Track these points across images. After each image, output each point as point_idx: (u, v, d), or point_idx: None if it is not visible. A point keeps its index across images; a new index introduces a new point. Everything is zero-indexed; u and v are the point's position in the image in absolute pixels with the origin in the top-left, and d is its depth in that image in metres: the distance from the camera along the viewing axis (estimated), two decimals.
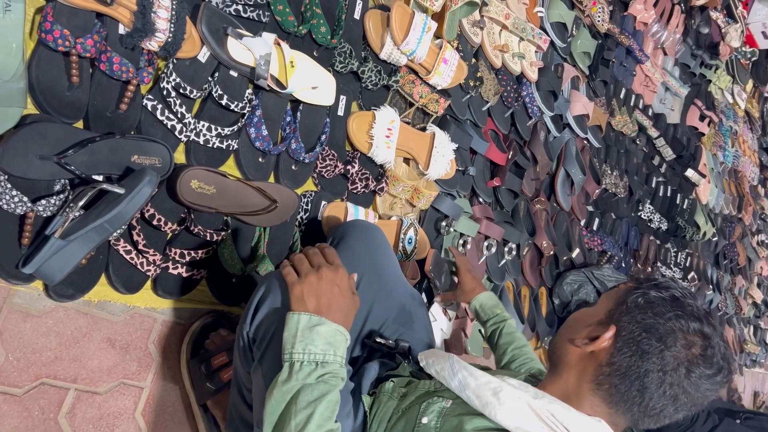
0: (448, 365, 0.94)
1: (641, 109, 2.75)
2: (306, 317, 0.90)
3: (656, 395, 0.84)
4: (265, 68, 1.25)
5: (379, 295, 1.20)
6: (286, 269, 0.97)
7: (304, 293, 0.93)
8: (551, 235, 2.10)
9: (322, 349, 0.88)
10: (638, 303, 0.89)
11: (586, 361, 0.90)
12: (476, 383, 0.89)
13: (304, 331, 0.88)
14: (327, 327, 0.90)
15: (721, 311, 3.59)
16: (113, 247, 1.11)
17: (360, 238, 1.24)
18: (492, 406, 0.84)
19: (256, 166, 1.32)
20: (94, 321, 1.14)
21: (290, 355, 0.87)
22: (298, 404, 0.82)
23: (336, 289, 0.96)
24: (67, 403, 1.10)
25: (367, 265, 1.20)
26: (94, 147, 1.03)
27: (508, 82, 1.92)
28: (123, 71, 1.07)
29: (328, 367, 0.88)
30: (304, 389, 0.84)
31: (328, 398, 0.84)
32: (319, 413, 0.82)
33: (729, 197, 3.64)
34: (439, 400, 0.92)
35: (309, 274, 0.95)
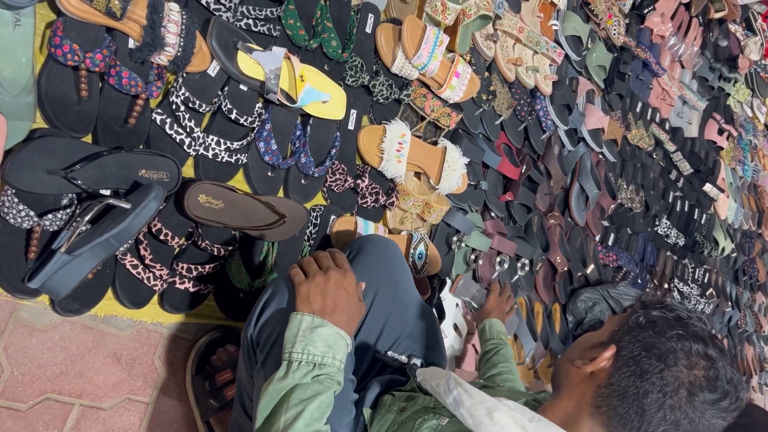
0: (444, 381, 0.93)
1: (658, 123, 2.71)
2: (309, 318, 0.91)
3: (655, 419, 0.81)
4: (275, 82, 1.24)
5: (395, 310, 1.19)
6: (294, 270, 0.99)
7: (311, 293, 0.94)
8: (565, 251, 2.07)
9: (321, 351, 0.88)
10: (639, 322, 0.87)
11: (586, 383, 0.88)
12: (471, 401, 0.87)
13: (306, 332, 0.89)
14: (328, 330, 0.91)
15: (741, 329, 3.51)
16: (120, 261, 1.11)
17: (377, 252, 1.23)
18: (485, 426, 0.82)
19: (265, 181, 1.31)
20: (100, 336, 1.14)
21: (289, 354, 0.88)
22: (290, 401, 0.83)
23: (343, 292, 0.96)
24: (72, 418, 1.09)
25: (383, 280, 1.20)
26: (102, 161, 1.03)
27: (522, 95, 1.90)
28: (132, 85, 1.07)
29: (325, 369, 0.88)
30: (298, 388, 0.84)
31: (320, 399, 0.84)
32: (308, 412, 0.82)
33: (748, 212, 3.57)
34: (434, 417, 0.91)
35: (317, 275, 0.96)
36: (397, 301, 1.21)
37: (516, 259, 1.91)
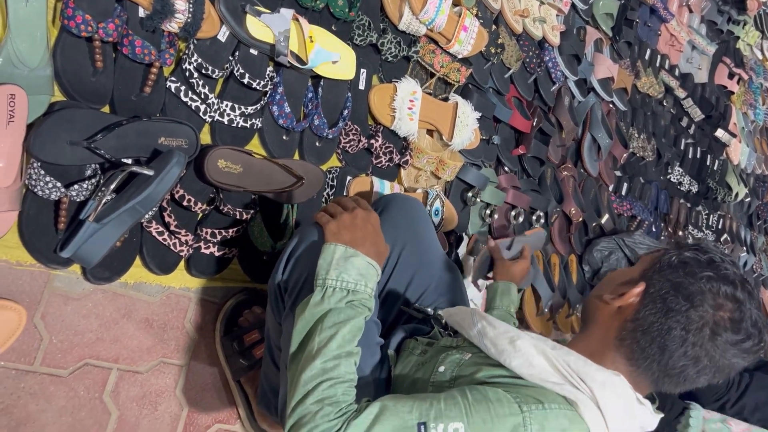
0: (468, 316, 0.96)
1: (667, 70, 2.68)
2: (342, 248, 0.93)
3: (676, 354, 0.84)
4: (285, 44, 1.25)
5: (421, 265, 1.22)
6: (319, 214, 1.02)
7: (340, 229, 0.97)
8: (579, 202, 2.08)
9: (354, 278, 0.91)
10: (671, 262, 0.88)
11: (613, 318, 0.91)
12: (494, 332, 0.90)
13: (339, 261, 0.92)
14: (361, 259, 0.93)
15: (756, 273, 3.52)
16: (146, 229, 1.13)
17: (403, 210, 1.26)
18: (507, 354, 0.85)
19: (280, 144, 1.32)
20: (132, 302, 1.17)
21: (323, 280, 0.90)
22: (324, 324, 0.86)
23: (370, 226, 1.00)
24: (111, 382, 1.13)
25: (409, 236, 1.23)
26: (122, 131, 1.05)
27: (530, 47, 1.89)
28: (145, 54, 1.08)
29: (358, 296, 0.91)
30: (331, 312, 0.87)
31: (352, 322, 0.87)
32: (341, 335, 0.85)
33: (761, 156, 3.55)
34: (457, 353, 0.94)
35: (344, 214, 0.99)
36: (423, 257, 1.24)
37: (531, 212, 1.92)
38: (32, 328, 1.05)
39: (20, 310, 1.00)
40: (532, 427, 0.76)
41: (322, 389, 0.81)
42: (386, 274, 1.20)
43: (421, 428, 0.75)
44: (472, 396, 0.79)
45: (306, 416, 0.79)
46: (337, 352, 0.84)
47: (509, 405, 0.77)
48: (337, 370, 0.83)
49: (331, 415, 0.78)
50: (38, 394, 1.05)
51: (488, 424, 0.76)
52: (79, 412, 1.09)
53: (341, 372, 0.83)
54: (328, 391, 0.81)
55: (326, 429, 0.76)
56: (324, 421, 0.77)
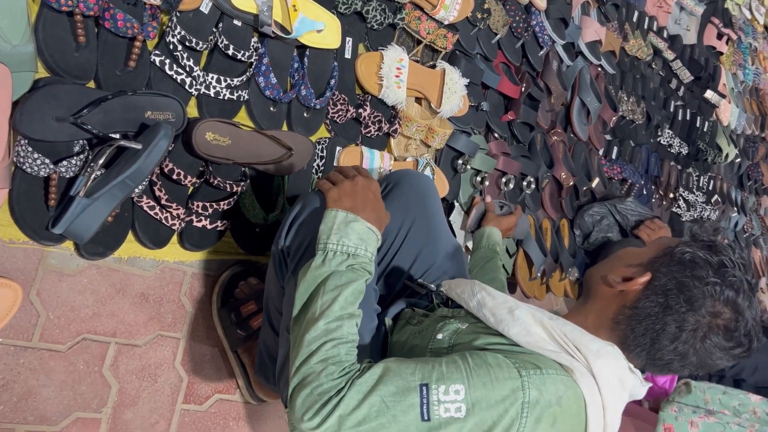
0: (468, 287, 0.98)
1: (656, 32, 2.67)
2: (343, 214, 0.95)
3: (666, 349, 0.87)
4: (268, 14, 1.24)
5: (428, 242, 1.24)
6: (321, 181, 1.03)
7: (341, 195, 0.98)
8: (570, 167, 2.09)
9: (355, 243, 0.93)
10: (682, 258, 0.89)
11: (613, 299, 0.93)
12: (493, 302, 0.93)
13: (340, 225, 0.94)
14: (361, 224, 0.95)
15: (747, 233, 3.55)
16: (137, 203, 1.14)
17: (413, 186, 1.27)
18: (506, 323, 0.88)
19: (268, 116, 1.32)
20: (126, 277, 1.18)
21: (324, 245, 0.92)
22: (326, 287, 0.88)
23: (371, 194, 1.01)
24: (110, 356, 1.15)
25: (419, 212, 1.25)
26: (108, 105, 1.04)
27: (517, 12, 1.88)
28: (128, 27, 1.07)
29: (359, 259, 0.93)
30: (333, 275, 0.89)
31: (354, 285, 0.89)
32: (343, 297, 0.87)
33: (751, 117, 3.55)
34: (455, 322, 0.96)
35: (344, 181, 1.01)
36: (431, 234, 1.26)
37: (521, 178, 1.93)
38: (29, 305, 1.06)
39: (16, 288, 1.01)
40: (530, 392, 0.78)
41: (326, 349, 0.83)
42: (394, 248, 1.22)
43: (423, 389, 0.77)
44: (473, 360, 0.81)
45: (310, 375, 0.80)
46: (340, 314, 0.86)
47: (508, 369, 0.79)
48: (340, 330, 0.85)
49: (335, 374, 0.80)
50: (38, 370, 1.06)
51: (488, 386, 0.78)
52: (80, 385, 1.11)
53: (344, 332, 0.85)
54: (332, 351, 0.83)
55: (330, 387, 0.78)
56: (328, 380, 0.79)
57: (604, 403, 0.84)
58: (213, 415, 1.28)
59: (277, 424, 1.39)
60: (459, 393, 0.77)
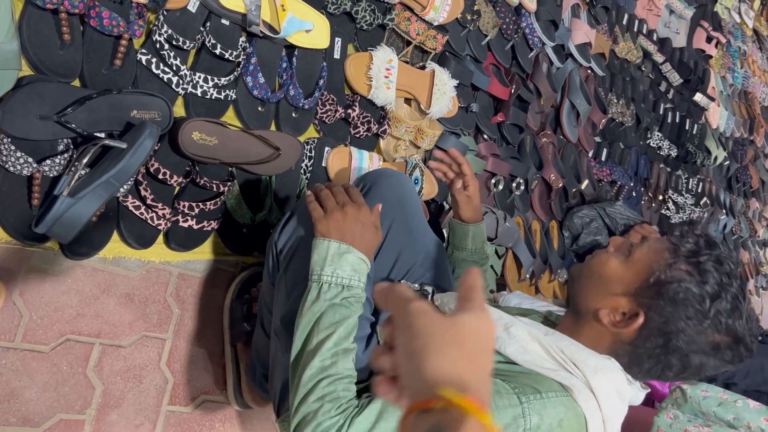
0: None
1: (645, 35, 2.68)
2: (336, 244, 0.95)
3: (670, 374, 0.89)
4: (256, 14, 1.23)
5: (408, 242, 1.23)
6: (312, 204, 1.02)
7: (331, 228, 0.98)
8: (559, 168, 2.09)
9: (348, 274, 0.93)
10: (675, 298, 0.86)
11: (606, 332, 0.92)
12: None
13: (334, 257, 0.94)
14: (354, 255, 0.95)
15: (736, 235, 3.58)
16: (122, 203, 1.13)
17: (390, 186, 1.26)
18: (502, 340, 0.88)
19: (256, 116, 1.32)
20: (112, 277, 1.17)
21: (319, 276, 0.92)
22: (321, 324, 0.88)
23: (360, 225, 1.00)
24: (94, 357, 1.14)
25: (397, 212, 1.23)
26: (93, 104, 1.04)
27: (507, 13, 1.88)
28: (114, 25, 1.06)
29: (352, 291, 0.93)
30: (328, 311, 0.89)
31: (347, 322, 0.89)
32: (337, 333, 0.87)
33: (740, 120, 3.58)
34: None
35: (334, 211, 0.99)
36: (411, 234, 1.25)
37: (510, 180, 1.93)
38: (11, 305, 1.04)
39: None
40: (531, 418, 0.78)
41: (322, 386, 0.83)
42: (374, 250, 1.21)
43: None
44: None
45: (309, 414, 0.81)
46: (334, 350, 0.86)
47: (508, 396, 0.79)
48: (335, 367, 0.85)
49: (332, 412, 0.80)
50: (21, 371, 1.05)
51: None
52: (63, 386, 1.10)
53: (339, 369, 0.85)
54: (328, 388, 0.83)
55: (329, 426, 0.78)
56: (326, 418, 0.79)
57: (604, 418, 0.84)
58: (199, 416, 1.27)
59: (265, 426, 1.38)
60: None
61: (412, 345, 0.44)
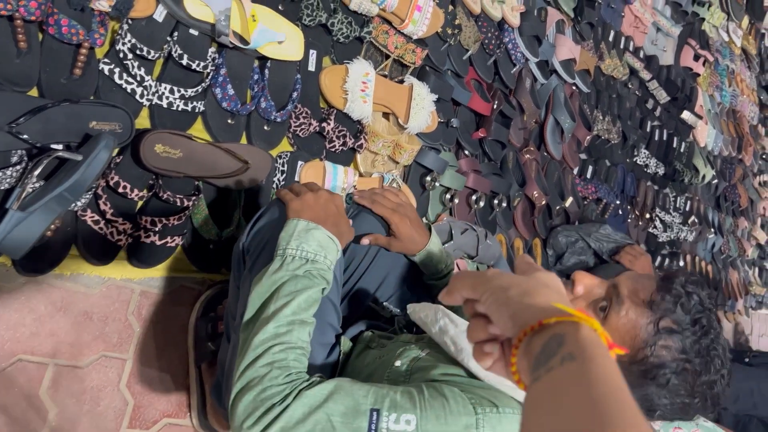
0: (432, 312, 0.95)
1: (632, 52, 2.67)
2: (304, 222, 0.93)
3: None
4: (226, 24, 1.20)
5: (396, 265, 1.22)
6: (283, 191, 1.00)
7: (302, 207, 0.96)
8: (542, 185, 2.06)
9: (314, 249, 0.91)
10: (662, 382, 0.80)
11: None
12: (455, 330, 0.90)
13: (301, 233, 0.91)
14: (321, 232, 0.93)
15: (724, 254, 3.55)
16: (80, 217, 1.08)
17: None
18: (466, 353, 0.85)
19: (225, 128, 1.28)
20: (69, 295, 1.12)
21: (284, 250, 0.90)
22: (281, 292, 0.85)
23: (333, 207, 0.99)
24: (48, 378, 1.09)
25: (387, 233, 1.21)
26: (49, 114, 1.00)
27: (489, 28, 1.86)
28: (73, 33, 1.03)
29: (317, 265, 0.90)
30: (289, 281, 0.86)
31: (309, 292, 0.86)
32: (297, 302, 0.84)
33: (728, 138, 3.56)
34: (414, 348, 0.93)
35: (307, 193, 0.98)
36: (399, 258, 1.23)
37: (492, 196, 1.89)
38: None
39: None
40: (484, 430, 0.75)
41: (273, 352, 0.79)
42: (360, 270, 1.19)
43: (373, 414, 0.74)
44: (428, 392, 0.77)
45: (254, 379, 0.77)
46: (291, 318, 0.83)
47: (464, 404, 0.76)
48: (290, 335, 0.82)
49: (279, 378, 0.76)
50: None
51: (441, 420, 0.74)
52: (14, 409, 1.04)
53: (294, 337, 0.82)
54: (279, 355, 0.79)
55: (274, 393, 0.75)
56: (272, 384, 0.76)
57: None
58: None
59: None
60: (410, 423, 0.74)
61: (507, 295, 0.50)
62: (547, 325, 0.45)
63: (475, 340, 0.54)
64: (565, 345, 0.42)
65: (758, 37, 4.15)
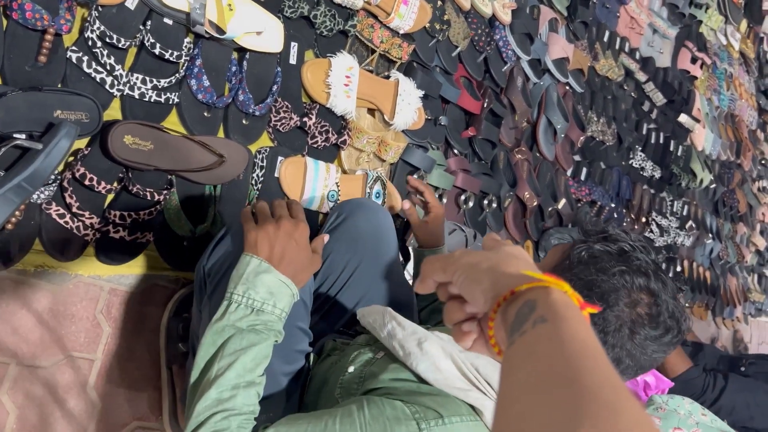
0: (380, 317, 0.92)
1: (627, 53, 2.63)
2: (256, 261, 0.87)
3: None
4: (201, 12, 1.16)
5: (374, 283, 1.18)
6: (245, 215, 0.95)
7: (258, 240, 0.90)
8: (534, 186, 2.02)
9: (262, 297, 0.85)
10: (581, 258, 0.81)
11: None
12: (403, 333, 0.86)
13: (249, 275, 0.86)
14: (272, 277, 0.87)
15: (723, 260, 3.51)
16: (45, 211, 1.04)
17: (368, 219, 1.21)
18: (414, 356, 0.81)
19: (201, 121, 1.24)
20: (32, 291, 1.08)
21: (230, 294, 0.85)
22: (225, 350, 0.81)
23: (293, 242, 0.92)
24: (9, 378, 1.04)
25: (369, 248, 1.18)
26: (9, 102, 0.95)
27: (479, 25, 1.82)
28: (37, 19, 0.98)
29: (263, 317, 0.85)
30: (234, 336, 0.82)
31: (256, 349, 0.81)
32: (241, 362, 0.80)
33: (726, 143, 3.53)
34: (368, 352, 0.90)
35: (267, 223, 0.92)
36: (379, 276, 1.19)
37: (482, 197, 1.85)
38: None
39: None
40: None
41: (215, 421, 0.76)
42: (338, 285, 1.16)
43: None
44: (370, 412, 0.74)
45: None
46: (236, 382, 0.79)
47: (407, 422, 0.72)
48: (233, 401, 0.78)
49: None
50: None
51: None
52: None
53: (237, 403, 0.78)
54: (221, 424, 0.76)
55: None
56: None
57: None
58: None
59: None
60: None
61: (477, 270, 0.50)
62: (518, 293, 0.46)
63: (453, 322, 0.54)
64: (536, 309, 0.42)
65: (757, 41, 4.12)
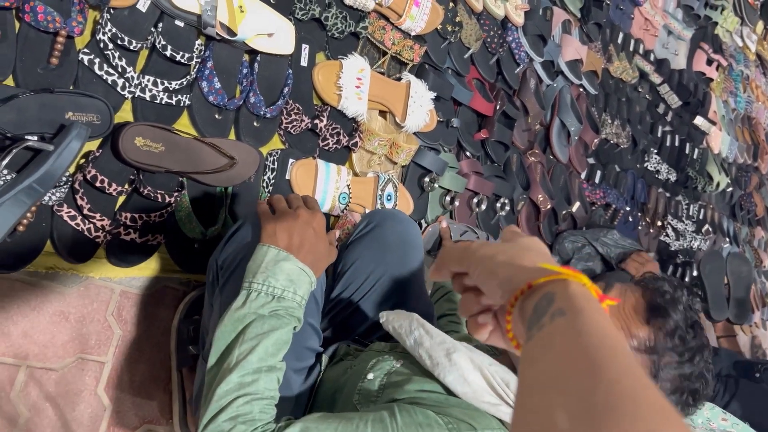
0: (407, 323, 0.90)
1: (642, 55, 2.61)
2: (274, 251, 0.87)
3: None
4: (212, 14, 1.16)
5: (397, 294, 1.17)
6: (261, 206, 0.95)
7: (277, 230, 0.89)
8: (548, 189, 2.00)
9: (282, 284, 0.85)
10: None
11: None
12: (431, 342, 0.84)
13: (269, 264, 0.85)
14: (292, 264, 0.86)
15: None
16: (56, 213, 1.04)
17: (396, 231, 1.20)
18: (442, 367, 0.79)
19: (212, 123, 1.23)
20: (44, 293, 1.08)
21: (249, 284, 0.84)
22: (246, 335, 0.80)
23: (311, 231, 0.92)
24: (20, 380, 1.04)
25: (395, 259, 1.17)
26: (21, 103, 0.96)
27: (491, 26, 1.81)
28: (49, 21, 0.99)
29: (284, 303, 0.84)
30: (255, 321, 0.81)
31: (277, 334, 0.80)
32: (263, 346, 0.79)
33: (743, 145, 3.47)
34: (389, 359, 0.88)
35: (285, 213, 0.92)
36: (401, 288, 1.18)
37: (495, 199, 1.83)
38: None
39: None
40: None
41: (237, 405, 0.75)
42: (360, 293, 1.15)
43: None
44: (402, 419, 0.72)
45: None
46: (258, 366, 0.78)
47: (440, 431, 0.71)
48: (255, 385, 0.77)
49: None
50: None
51: None
52: None
53: (259, 387, 0.77)
54: (243, 408, 0.75)
55: None
56: None
57: None
58: None
59: None
60: None
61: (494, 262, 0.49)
62: (536, 287, 0.45)
63: (469, 314, 0.53)
64: (555, 302, 0.42)
65: None
